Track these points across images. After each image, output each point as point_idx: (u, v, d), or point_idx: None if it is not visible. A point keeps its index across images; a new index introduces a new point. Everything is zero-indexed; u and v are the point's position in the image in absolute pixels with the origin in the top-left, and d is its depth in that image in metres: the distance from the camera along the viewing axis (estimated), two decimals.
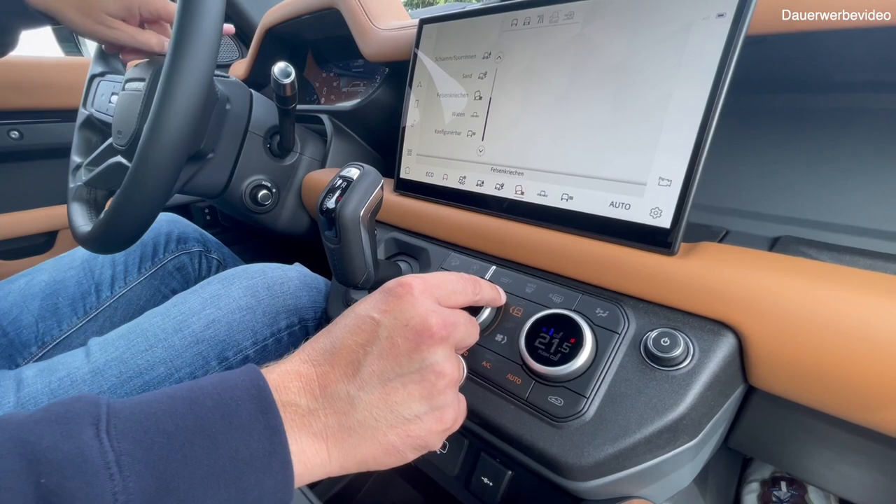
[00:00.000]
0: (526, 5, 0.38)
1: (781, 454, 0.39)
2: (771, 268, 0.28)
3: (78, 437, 0.18)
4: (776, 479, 0.60)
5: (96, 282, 0.68)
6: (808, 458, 0.37)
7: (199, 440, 0.20)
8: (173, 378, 0.42)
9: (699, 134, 0.29)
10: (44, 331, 0.62)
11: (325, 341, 0.26)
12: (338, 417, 0.23)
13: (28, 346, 0.60)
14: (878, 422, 0.25)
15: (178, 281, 0.78)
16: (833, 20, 0.25)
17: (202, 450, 0.20)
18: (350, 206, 0.35)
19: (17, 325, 0.60)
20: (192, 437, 0.20)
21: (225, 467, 0.20)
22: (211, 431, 0.20)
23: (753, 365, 0.28)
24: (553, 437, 0.30)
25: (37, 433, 0.18)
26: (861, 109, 0.35)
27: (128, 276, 0.71)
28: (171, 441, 0.20)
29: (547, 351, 0.31)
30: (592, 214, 0.34)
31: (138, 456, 0.19)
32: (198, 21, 0.41)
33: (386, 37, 0.52)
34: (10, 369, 0.59)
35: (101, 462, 0.18)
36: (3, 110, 0.76)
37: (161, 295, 0.76)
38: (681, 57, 0.29)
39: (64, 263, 0.69)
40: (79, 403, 0.20)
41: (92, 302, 0.67)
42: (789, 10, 0.27)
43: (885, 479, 0.32)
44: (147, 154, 0.42)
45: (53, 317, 0.63)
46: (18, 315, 0.61)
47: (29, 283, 0.65)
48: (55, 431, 0.18)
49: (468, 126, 0.42)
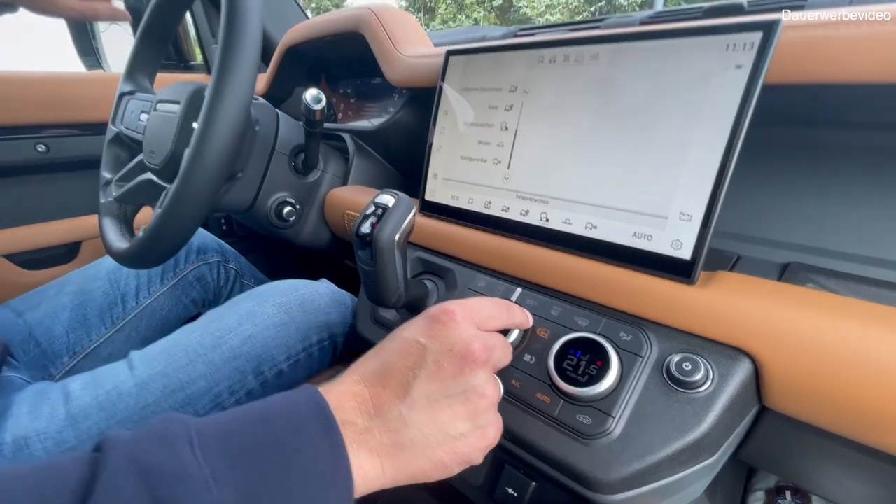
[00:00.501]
0: (553, 44, 0.40)
1: (789, 467, 0.41)
2: (785, 299, 0.30)
3: (179, 454, 0.20)
4: (781, 488, 0.62)
5: (122, 293, 0.71)
6: (816, 471, 0.39)
7: (275, 457, 0.22)
8: (213, 392, 0.44)
9: (718, 174, 0.31)
10: (74, 341, 0.64)
11: (374, 363, 0.28)
12: (391, 435, 0.26)
13: (60, 356, 0.62)
14: (887, 443, 0.27)
15: (198, 291, 0.80)
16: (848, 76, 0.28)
17: (278, 465, 0.22)
18: (386, 231, 0.37)
19: (49, 336, 0.62)
20: (269, 454, 0.22)
21: (297, 481, 0.22)
22: (284, 449, 0.23)
23: (768, 388, 0.30)
24: (582, 454, 0.32)
25: (145, 451, 0.20)
26: (869, 146, 0.38)
27: (151, 287, 0.74)
28: (252, 457, 0.22)
29: (575, 372, 0.34)
30: (616, 244, 0.36)
31: (226, 471, 0.21)
32: (239, 55, 0.44)
33: (412, 64, 0.55)
34: (45, 379, 0.61)
35: (200, 477, 0.20)
36: (31, 125, 0.79)
37: (182, 305, 0.78)
38: (701, 103, 0.32)
39: (90, 275, 0.71)
40: (173, 424, 0.22)
41: (118, 312, 0.70)
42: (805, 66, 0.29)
43: (890, 495, 0.35)
44: (190, 177, 0.44)
45: (83, 327, 0.66)
46: (50, 326, 0.63)
47: (58, 294, 0.67)
48: (159, 450, 0.20)
49: (494, 154, 0.45)
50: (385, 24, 0.60)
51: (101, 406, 0.42)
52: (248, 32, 0.45)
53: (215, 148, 0.44)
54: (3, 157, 0.76)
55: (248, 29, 0.45)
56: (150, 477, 0.19)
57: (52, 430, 0.40)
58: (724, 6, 0.41)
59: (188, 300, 0.79)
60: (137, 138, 0.66)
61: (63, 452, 0.40)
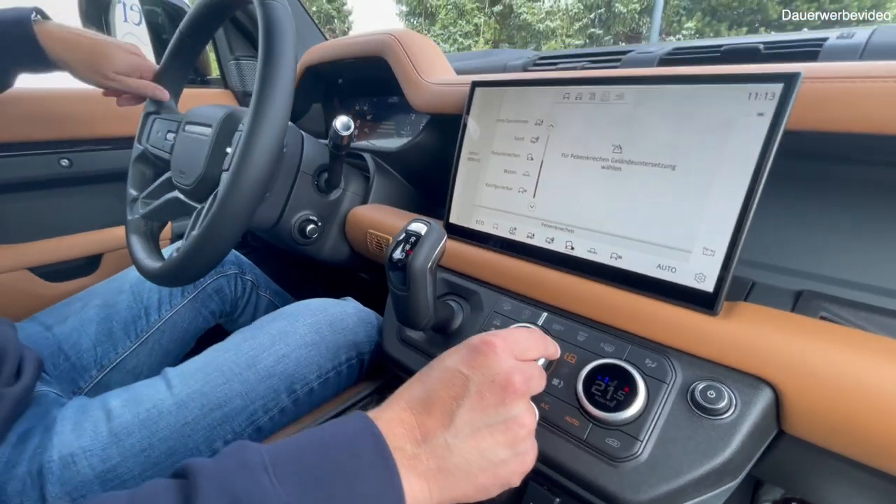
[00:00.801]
0: (579, 82, 0.42)
1: (799, 483, 0.43)
2: (804, 331, 0.32)
3: (260, 481, 0.22)
4: (787, 500, 0.64)
5: (145, 306, 0.72)
6: (825, 488, 0.41)
7: (339, 481, 0.24)
8: (248, 409, 0.46)
9: (741, 214, 0.33)
10: (101, 354, 0.66)
11: (419, 390, 0.30)
12: (437, 461, 0.28)
13: (88, 369, 0.64)
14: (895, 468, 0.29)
15: (217, 303, 0.82)
16: (862, 128, 0.30)
17: (342, 489, 0.24)
18: (419, 259, 0.39)
19: (77, 350, 0.64)
20: (333, 479, 0.24)
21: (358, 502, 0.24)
22: (345, 473, 0.25)
23: (787, 415, 0.32)
24: (612, 475, 0.34)
25: (231, 479, 0.22)
26: (879, 181, 0.40)
27: (172, 300, 0.75)
28: (319, 482, 0.24)
29: (604, 397, 0.36)
30: (640, 274, 0.39)
31: (299, 495, 0.23)
32: (276, 85, 0.46)
33: (436, 91, 0.57)
34: (74, 393, 0.63)
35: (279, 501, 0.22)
36: (55, 140, 0.80)
37: (202, 317, 0.80)
38: (724, 146, 0.34)
39: (114, 288, 0.73)
40: (248, 452, 0.24)
41: (142, 325, 0.71)
42: (822, 116, 0.31)
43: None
44: (228, 201, 0.46)
45: (109, 341, 0.67)
46: (78, 340, 0.65)
47: (84, 308, 0.69)
48: (242, 477, 0.22)
49: (520, 183, 0.47)
50: (408, 50, 0.62)
51: (143, 424, 0.43)
52: (284, 65, 0.47)
53: (253, 174, 0.46)
54: (29, 172, 0.78)
55: (284, 61, 0.47)
56: (238, 502, 0.21)
57: (97, 448, 0.42)
58: (742, 49, 0.43)
59: (207, 312, 0.80)
60: (163, 157, 0.68)
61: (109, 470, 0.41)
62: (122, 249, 0.87)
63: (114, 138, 0.87)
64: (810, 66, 0.33)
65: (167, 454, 0.43)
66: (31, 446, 0.42)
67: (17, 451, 0.42)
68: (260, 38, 0.47)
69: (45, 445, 0.41)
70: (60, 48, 0.62)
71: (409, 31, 0.65)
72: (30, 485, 0.39)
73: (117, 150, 0.88)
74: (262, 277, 0.90)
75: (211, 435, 0.45)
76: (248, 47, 0.98)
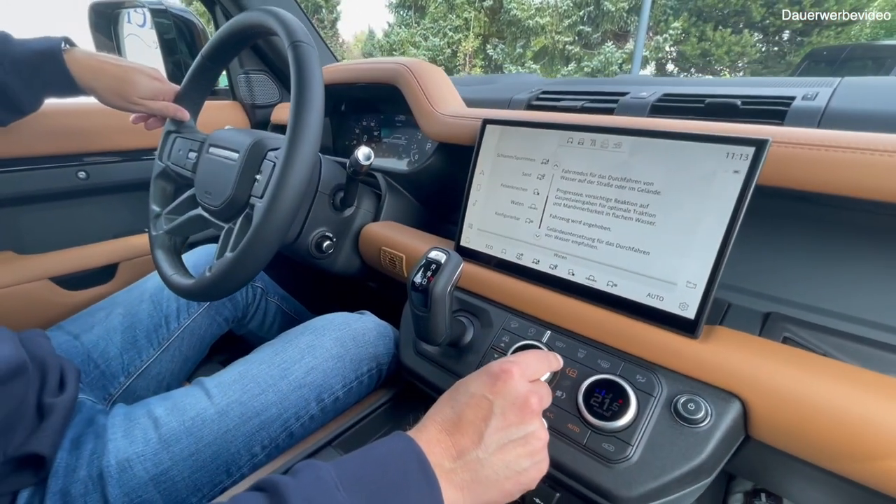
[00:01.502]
0: (581, 129, 0.48)
1: (764, 477, 0.50)
2: (768, 355, 0.39)
3: (334, 496, 0.27)
4: (756, 491, 0.72)
5: (165, 314, 0.76)
6: (785, 482, 0.48)
7: (393, 493, 0.29)
8: (282, 417, 0.51)
9: (718, 254, 0.40)
10: (128, 362, 0.70)
11: (450, 413, 0.36)
12: (471, 474, 0.33)
13: (117, 377, 0.68)
14: (841, 469, 0.36)
15: (230, 309, 0.86)
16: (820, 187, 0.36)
17: (396, 499, 0.29)
18: (440, 285, 0.44)
19: (105, 358, 0.68)
20: (389, 492, 0.29)
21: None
22: (398, 486, 0.30)
23: (753, 424, 0.39)
24: (608, 475, 0.40)
25: (311, 494, 0.27)
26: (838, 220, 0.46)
27: (190, 309, 0.79)
28: (378, 495, 0.29)
29: (600, 408, 0.42)
30: (633, 301, 0.45)
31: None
32: (307, 127, 0.50)
33: (448, 122, 0.62)
34: (104, 399, 0.67)
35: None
36: (73, 153, 0.83)
37: (216, 324, 0.84)
38: (706, 196, 0.40)
39: (135, 296, 0.76)
40: (319, 470, 0.29)
41: (163, 333, 0.75)
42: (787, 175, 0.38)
43: (837, 501, 0.44)
44: (263, 228, 0.51)
45: (134, 349, 0.71)
46: (105, 348, 0.69)
47: (108, 317, 0.72)
48: (320, 492, 0.27)
49: (526, 215, 0.52)
50: (420, 81, 0.67)
51: (189, 431, 0.48)
52: (314, 105, 0.51)
53: (286, 204, 0.51)
54: (49, 184, 0.81)
55: (315, 102, 0.51)
56: None
57: (149, 453, 0.46)
58: (722, 104, 0.49)
59: (221, 319, 0.85)
60: (185, 174, 0.72)
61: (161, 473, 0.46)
62: (136, 258, 0.90)
63: (127, 151, 0.90)
64: (778, 130, 0.39)
65: (212, 458, 0.48)
66: (86, 452, 0.46)
67: (73, 456, 0.46)
68: (292, 78, 0.52)
69: (100, 451, 0.46)
70: (88, 75, 0.65)
71: (420, 61, 0.70)
72: (91, 487, 0.44)
73: (130, 161, 0.91)
74: (269, 283, 0.95)
75: (250, 441, 0.50)
76: (257, 62, 1.01)
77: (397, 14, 14.34)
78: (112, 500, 0.43)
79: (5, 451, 0.42)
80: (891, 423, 0.32)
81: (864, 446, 0.33)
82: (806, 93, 0.47)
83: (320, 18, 15.64)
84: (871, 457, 0.33)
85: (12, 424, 0.44)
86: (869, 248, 0.44)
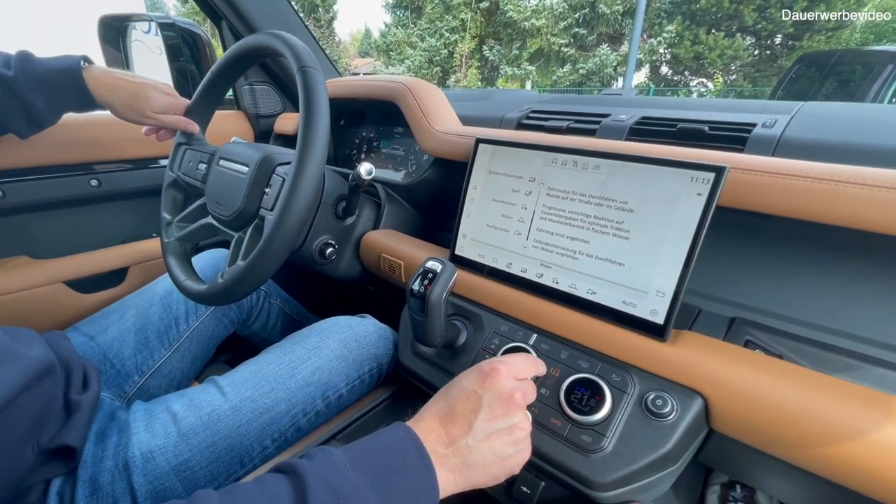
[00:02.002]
0: (564, 151, 0.53)
1: (734, 468, 0.55)
2: (728, 357, 0.44)
3: (346, 476, 0.32)
4: (732, 483, 0.77)
5: (174, 316, 0.80)
6: (751, 472, 0.53)
7: (395, 476, 0.34)
8: (291, 413, 0.56)
9: (684, 266, 0.45)
10: (141, 362, 0.74)
11: (443, 405, 0.40)
12: (461, 459, 0.38)
13: (131, 375, 0.72)
14: (787, 455, 0.41)
15: (235, 311, 0.91)
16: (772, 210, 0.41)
17: (398, 481, 0.34)
18: (436, 292, 0.49)
19: (120, 358, 0.72)
20: (390, 473, 0.34)
21: (409, 490, 0.34)
22: (398, 469, 0.34)
23: (714, 417, 0.44)
24: (585, 463, 0.45)
25: (326, 474, 0.32)
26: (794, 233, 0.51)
27: (198, 311, 0.83)
28: (381, 475, 0.34)
29: (580, 403, 0.47)
30: (609, 307, 0.49)
31: (370, 486, 0.33)
32: (314, 145, 0.55)
33: (444, 139, 0.67)
34: (120, 396, 0.71)
35: (360, 490, 0.32)
36: (85, 162, 0.87)
37: (222, 325, 0.88)
38: (672, 215, 0.45)
39: (146, 299, 0.80)
40: (331, 454, 0.33)
41: (174, 335, 0.79)
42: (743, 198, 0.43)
43: (801, 490, 0.49)
44: (274, 239, 0.55)
45: (146, 349, 0.75)
46: (120, 349, 0.73)
47: (121, 319, 0.77)
48: (333, 472, 0.32)
49: (515, 227, 0.57)
50: (418, 100, 0.71)
51: (206, 425, 0.52)
52: (321, 126, 0.55)
53: (295, 217, 0.55)
54: (63, 192, 0.85)
55: (321, 123, 0.55)
56: (336, 491, 0.31)
57: (170, 445, 0.51)
58: (691, 130, 0.55)
59: (227, 321, 0.89)
60: (195, 184, 0.76)
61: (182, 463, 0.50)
62: (146, 262, 0.94)
63: (136, 159, 0.94)
64: (735, 157, 0.44)
65: (227, 450, 0.52)
66: (111, 444, 0.51)
67: (99, 448, 0.50)
68: (301, 100, 0.56)
69: (125, 444, 0.50)
70: (105, 92, 0.69)
71: (418, 80, 0.74)
72: (118, 476, 0.48)
73: (139, 169, 0.95)
74: (273, 287, 0.99)
75: (261, 434, 0.54)
76: (261, 74, 1.06)
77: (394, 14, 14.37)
78: (137, 487, 0.48)
79: (38, 443, 0.46)
80: (823, 415, 0.37)
81: (801, 435, 0.38)
82: (766, 120, 0.52)
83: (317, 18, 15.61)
84: (807, 444, 0.38)
85: (44, 419, 0.48)
86: (823, 259, 0.49)
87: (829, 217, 0.40)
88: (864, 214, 0.37)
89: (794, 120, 0.52)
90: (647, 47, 10.94)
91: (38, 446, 0.46)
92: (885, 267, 0.45)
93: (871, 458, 0.36)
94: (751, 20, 9.70)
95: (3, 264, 0.81)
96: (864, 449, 0.36)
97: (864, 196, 0.37)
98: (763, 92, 10.42)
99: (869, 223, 0.37)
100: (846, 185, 0.38)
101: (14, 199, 0.80)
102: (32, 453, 0.45)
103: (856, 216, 0.38)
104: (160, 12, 1.03)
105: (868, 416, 0.37)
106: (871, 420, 0.36)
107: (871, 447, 0.36)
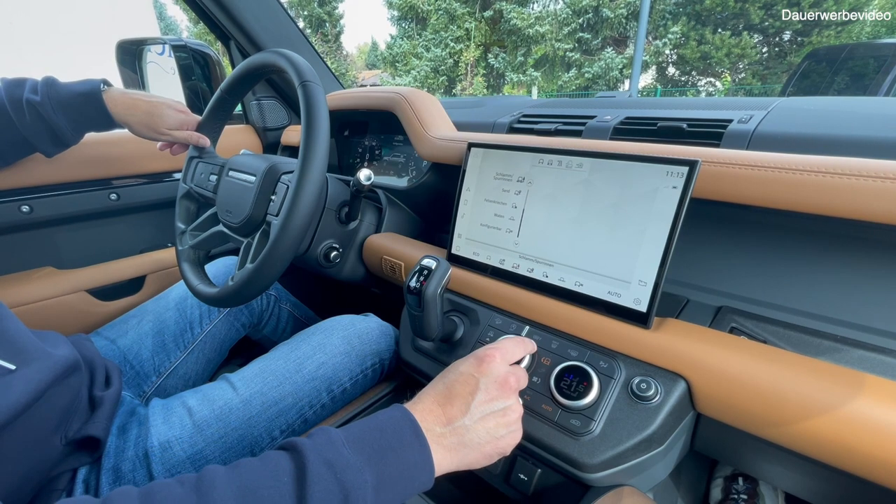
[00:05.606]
0: (550, 151, 0.56)
1: (728, 454, 0.57)
2: (709, 342, 0.46)
3: (342, 453, 0.35)
4: (735, 475, 0.78)
5: (189, 320, 0.85)
6: (745, 457, 0.55)
7: (391, 454, 0.37)
8: (298, 406, 0.59)
9: (663, 255, 0.47)
10: (158, 363, 0.78)
11: (442, 388, 0.43)
12: (457, 438, 0.40)
13: (149, 376, 0.76)
14: (767, 434, 0.43)
15: (246, 315, 0.95)
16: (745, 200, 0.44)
17: (394, 459, 0.36)
18: (431, 288, 0.52)
19: (139, 360, 0.76)
20: (387, 452, 0.37)
21: (405, 467, 0.37)
22: (395, 447, 0.37)
23: (697, 400, 0.46)
24: (574, 445, 0.47)
25: (324, 451, 0.34)
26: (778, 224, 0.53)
27: (211, 315, 0.88)
28: (378, 453, 0.36)
29: (569, 389, 0.49)
30: (596, 297, 0.52)
31: (367, 462, 0.35)
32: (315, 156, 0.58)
33: (439, 145, 0.70)
34: (139, 395, 0.75)
35: (357, 466, 0.34)
36: (105, 178, 0.93)
37: (234, 329, 0.92)
38: (651, 208, 0.48)
39: (162, 305, 0.85)
40: (330, 434, 0.36)
41: (188, 338, 0.83)
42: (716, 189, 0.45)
43: (798, 476, 0.50)
44: (279, 243, 0.59)
45: (163, 352, 0.79)
46: (138, 351, 0.77)
47: (140, 323, 0.81)
48: (331, 450, 0.35)
49: (507, 225, 0.60)
50: (415, 108, 0.75)
51: (218, 417, 0.56)
52: (321, 137, 0.59)
53: (298, 223, 0.59)
54: (85, 206, 0.90)
55: (322, 135, 0.59)
56: (333, 466, 0.34)
57: (186, 436, 0.54)
58: (670, 127, 0.57)
59: (238, 324, 0.93)
60: (206, 195, 0.80)
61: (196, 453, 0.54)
62: (162, 271, 0.99)
63: (152, 174, 0.99)
64: (709, 151, 0.47)
65: (238, 441, 0.56)
66: (132, 436, 0.54)
67: (121, 440, 0.54)
68: (302, 113, 0.60)
69: (144, 435, 0.54)
70: (123, 111, 0.74)
71: (414, 89, 0.78)
72: (139, 465, 0.52)
73: (155, 183, 1.00)
74: (282, 291, 1.03)
75: (270, 426, 0.57)
76: (268, 89, 1.11)
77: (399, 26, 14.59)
78: (156, 475, 0.51)
79: (66, 434, 0.50)
80: (796, 393, 0.39)
81: (778, 413, 0.40)
82: (742, 116, 0.55)
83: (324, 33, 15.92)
84: (784, 422, 0.40)
85: (70, 413, 0.52)
86: (804, 247, 0.51)
87: (797, 205, 0.42)
88: (826, 201, 0.39)
89: (769, 115, 0.54)
90: (653, 49, 10.93)
91: (65, 437, 0.50)
92: (859, 252, 0.46)
93: (844, 433, 0.38)
94: (757, 18, 9.64)
95: (30, 275, 0.87)
96: (836, 423, 0.38)
97: (825, 184, 0.39)
98: (773, 89, 10.32)
99: (832, 209, 0.39)
100: (810, 174, 0.40)
101: (41, 213, 0.85)
102: (61, 444, 0.48)
103: (819, 203, 0.40)
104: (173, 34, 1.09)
105: (839, 392, 0.38)
106: (841, 395, 0.38)
107: (841, 421, 0.38)
